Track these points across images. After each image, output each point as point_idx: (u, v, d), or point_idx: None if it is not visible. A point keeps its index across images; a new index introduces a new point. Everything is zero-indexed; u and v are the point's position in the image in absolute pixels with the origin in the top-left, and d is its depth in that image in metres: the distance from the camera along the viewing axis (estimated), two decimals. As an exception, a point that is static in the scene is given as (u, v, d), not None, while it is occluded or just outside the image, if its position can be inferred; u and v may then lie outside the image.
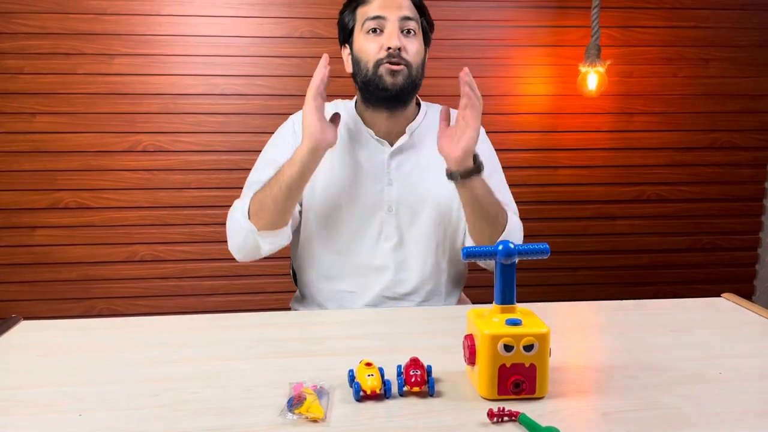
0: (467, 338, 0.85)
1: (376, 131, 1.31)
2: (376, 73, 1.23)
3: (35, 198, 2.19)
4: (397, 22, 1.23)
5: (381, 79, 1.23)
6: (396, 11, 1.23)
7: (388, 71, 1.22)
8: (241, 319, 1.17)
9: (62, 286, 2.24)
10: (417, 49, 1.26)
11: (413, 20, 1.25)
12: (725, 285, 2.43)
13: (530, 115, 2.34)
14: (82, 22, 2.13)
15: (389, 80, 1.22)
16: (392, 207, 1.30)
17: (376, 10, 1.23)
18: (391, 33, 1.22)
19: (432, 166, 1.29)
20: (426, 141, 1.32)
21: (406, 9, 1.24)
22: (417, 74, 1.26)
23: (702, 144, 2.41)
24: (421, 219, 1.31)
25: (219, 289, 2.30)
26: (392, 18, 1.23)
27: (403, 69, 1.22)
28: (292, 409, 0.77)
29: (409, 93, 1.26)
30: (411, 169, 1.31)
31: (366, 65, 1.25)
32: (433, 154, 1.28)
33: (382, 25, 1.23)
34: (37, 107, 2.15)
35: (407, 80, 1.23)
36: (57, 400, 0.82)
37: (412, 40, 1.25)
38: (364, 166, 1.30)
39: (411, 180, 1.30)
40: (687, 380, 0.88)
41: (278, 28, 2.20)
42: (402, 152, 1.31)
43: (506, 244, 0.82)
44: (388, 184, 1.30)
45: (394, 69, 1.22)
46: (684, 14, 2.33)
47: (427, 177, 1.30)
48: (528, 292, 2.31)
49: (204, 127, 2.21)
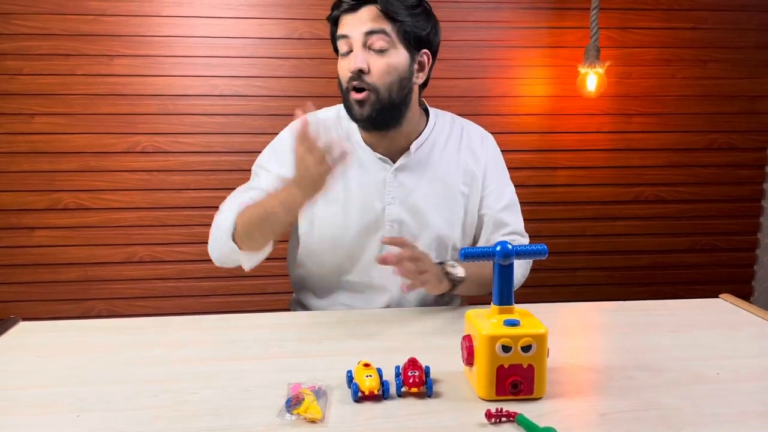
0: (465, 339, 0.85)
1: (376, 149, 1.25)
2: (348, 99, 1.17)
3: (34, 199, 2.19)
4: (361, 39, 1.13)
5: (351, 109, 1.17)
6: (359, 27, 1.13)
7: (354, 101, 1.15)
8: (239, 320, 1.17)
9: (61, 287, 2.24)
10: (387, 66, 1.14)
11: (380, 32, 1.13)
12: (724, 286, 2.43)
13: (529, 116, 2.34)
14: (81, 23, 2.13)
15: (357, 110, 1.16)
16: (394, 226, 1.25)
17: (342, 29, 1.16)
18: (353, 54, 1.14)
19: (435, 187, 1.26)
20: (432, 157, 1.27)
21: (369, 22, 1.13)
22: (388, 95, 1.15)
23: (700, 145, 2.42)
24: (422, 239, 1.26)
25: (218, 290, 2.30)
26: (356, 36, 1.13)
27: (367, 96, 1.14)
28: (291, 410, 0.77)
29: (385, 116, 1.17)
30: (414, 188, 1.25)
31: (341, 89, 1.19)
32: (437, 174, 1.26)
33: (350, 44, 1.15)
34: (37, 108, 2.15)
35: (375, 107, 1.14)
36: (56, 400, 0.82)
37: (380, 56, 1.14)
38: (366, 184, 1.24)
39: (413, 200, 1.25)
40: (685, 381, 0.89)
41: (278, 29, 2.20)
42: (405, 170, 1.25)
43: (504, 245, 0.82)
44: (389, 203, 1.24)
45: (357, 98, 1.14)
46: (682, 15, 2.33)
47: (429, 199, 1.25)
48: (526, 293, 2.31)
49: (203, 128, 2.21)
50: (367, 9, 1.13)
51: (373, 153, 1.24)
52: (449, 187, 1.27)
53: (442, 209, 1.27)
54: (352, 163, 1.24)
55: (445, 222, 1.27)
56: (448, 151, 1.29)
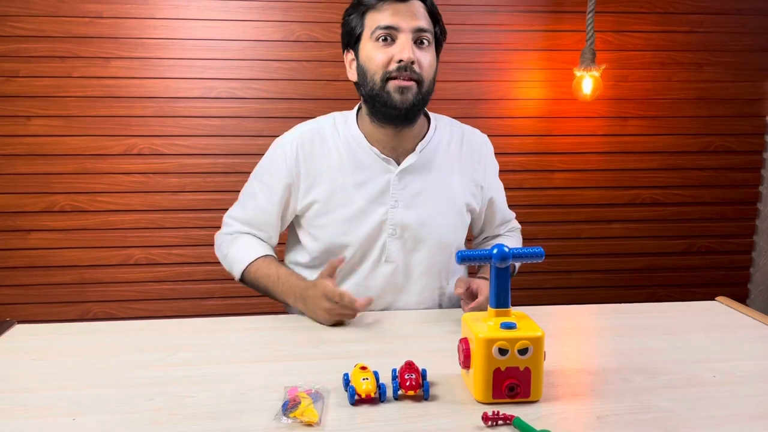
0: (462, 342, 0.85)
1: (382, 148, 1.23)
2: (384, 89, 1.15)
3: (30, 201, 2.18)
4: (411, 34, 1.14)
5: (389, 96, 1.15)
6: (411, 21, 1.14)
7: (396, 88, 1.14)
8: (236, 323, 1.17)
9: (57, 290, 2.23)
10: (430, 62, 1.17)
11: (428, 31, 1.17)
12: (720, 288, 2.44)
13: (525, 119, 2.34)
14: (77, 25, 2.12)
15: (397, 98, 1.14)
16: (396, 230, 1.24)
17: (388, 19, 1.14)
18: (403, 44, 1.14)
19: (439, 191, 1.26)
20: (435, 161, 1.27)
21: (421, 19, 1.16)
22: (428, 90, 1.18)
23: (696, 148, 2.42)
24: (424, 244, 1.26)
25: (214, 293, 2.30)
26: (406, 28, 1.14)
27: (412, 86, 1.14)
28: (287, 413, 0.77)
29: (419, 110, 1.19)
30: (418, 192, 1.25)
31: (373, 77, 1.16)
32: (441, 177, 1.27)
33: (395, 35, 1.14)
34: (33, 110, 2.14)
35: (417, 97, 1.15)
36: (52, 403, 0.82)
37: (425, 52, 1.17)
38: (369, 187, 1.23)
39: (417, 203, 1.24)
40: (681, 383, 0.89)
41: (275, 32, 2.20)
42: (410, 172, 1.24)
43: (501, 248, 0.83)
44: (393, 207, 1.23)
45: (404, 85, 1.14)
46: (678, 19, 2.34)
47: (433, 203, 1.25)
48: (523, 296, 2.31)
49: (200, 131, 2.21)
50: (418, 4, 1.17)
51: (378, 154, 1.23)
52: (452, 190, 1.28)
53: (446, 212, 1.27)
54: (354, 166, 1.23)
55: (449, 225, 1.28)
56: (451, 155, 1.29)
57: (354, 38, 1.20)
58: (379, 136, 1.23)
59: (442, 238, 1.27)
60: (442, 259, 1.29)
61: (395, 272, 1.27)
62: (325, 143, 1.25)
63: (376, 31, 1.15)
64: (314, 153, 1.25)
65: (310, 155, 1.24)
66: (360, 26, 1.18)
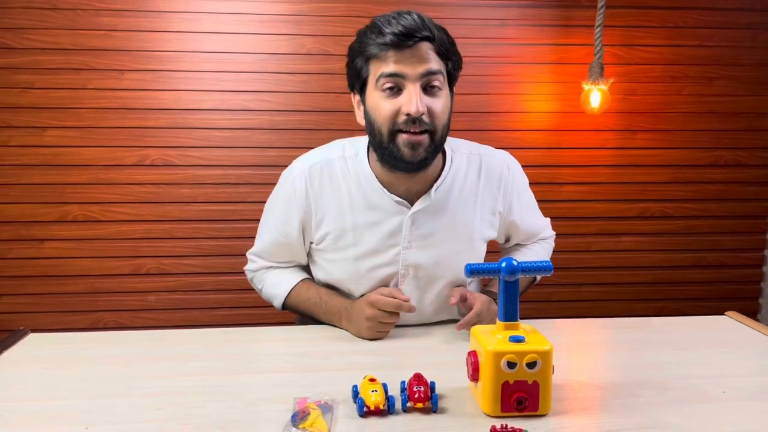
0: (471, 354, 0.86)
1: (394, 190, 1.17)
2: (394, 142, 1.07)
3: (44, 211, 2.21)
4: (419, 80, 1.05)
5: (399, 151, 1.07)
6: (418, 66, 1.04)
7: (406, 143, 1.06)
8: (246, 334, 1.18)
9: (70, 299, 2.25)
10: (443, 108, 1.08)
11: (438, 73, 1.07)
12: (730, 302, 2.42)
13: (534, 131, 2.35)
14: (92, 38, 2.16)
15: (407, 153, 1.07)
16: (409, 270, 1.20)
17: (393, 66, 1.04)
18: (410, 95, 1.04)
19: (454, 229, 1.21)
20: (451, 198, 1.20)
21: (430, 61, 1.05)
22: (442, 137, 1.10)
23: (706, 161, 2.42)
24: (438, 283, 1.22)
25: (224, 303, 2.31)
26: (413, 75, 1.04)
27: (424, 140, 1.06)
28: (297, 424, 0.77)
29: (433, 160, 1.12)
30: (432, 232, 1.19)
31: (380, 129, 1.08)
32: (457, 215, 1.20)
33: (401, 83, 1.05)
34: (48, 121, 2.17)
35: (429, 150, 1.08)
36: (64, 412, 0.83)
37: (436, 98, 1.07)
38: (382, 228, 1.17)
39: (431, 243, 1.19)
40: (690, 399, 0.89)
41: (286, 45, 2.22)
42: (423, 213, 1.18)
43: (509, 262, 0.83)
44: (405, 248, 1.18)
45: (414, 141, 1.06)
46: (688, 33, 2.35)
47: (448, 242, 1.20)
48: (532, 308, 2.31)
49: (211, 142, 2.23)
50: (425, 45, 1.06)
51: (390, 195, 1.17)
52: (468, 226, 1.22)
53: (461, 252, 1.22)
54: (366, 205, 1.18)
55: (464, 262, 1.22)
56: (467, 189, 1.22)
57: (360, 83, 1.12)
58: (390, 179, 1.16)
59: (457, 276, 1.22)
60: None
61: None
62: (334, 178, 1.19)
63: (380, 79, 1.06)
64: (323, 189, 1.19)
65: (319, 191, 1.19)
66: (366, 71, 1.09)
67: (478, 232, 1.24)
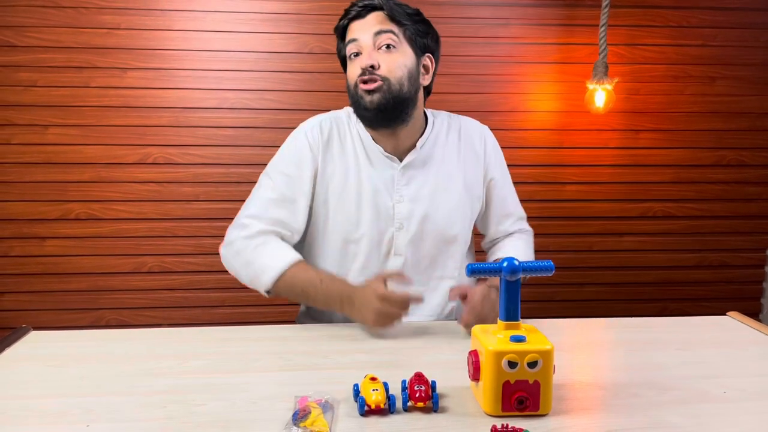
0: (472, 354, 0.85)
1: (385, 148, 1.30)
2: (357, 94, 1.24)
3: (46, 209, 2.21)
4: (371, 40, 1.23)
5: (361, 99, 1.24)
6: (368, 29, 1.24)
7: (364, 91, 1.23)
8: (247, 332, 1.18)
9: (71, 297, 2.26)
10: (397, 62, 1.23)
11: (388, 32, 1.23)
12: (732, 302, 2.42)
13: (537, 131, 2.35)
14: (95, 36, 2.16)
15: (366, 99, 1.23)
16: (403, 224, 1.29)
17: (351, 34, 1.26)
18: (365, 52, 1.24)
19: (441, 183, 1.31)
20: (435, 154, 1.33)
21: (377, 24, 1.24)
22: (399, 87, 1.23)
23: (709, 161, 2.41)
24: (429, 235, 1.30)
25: (226, 301, 2.31)
26: (365, 37, 1.24)
27: (379, 85, 1.21)
28: (297, 423, 0.77)
29: (395, 108, 1.24)
30: (421, 186, 1.30)
31: (350, 88, 1.27)
32: (442, 170, 1.32)
33: (360, 47, 1.25)
34: (50, 119, 2.18)
35: (386, 96, 1.22)
36: (65, 410, 0.83)
37: (389, 54, 1.23)
38: (376, 182, 1.29)
39: (420, 197, 1.30)
40: (692, 399, 0.88)
41: (288, 44, 2.23)
42: (412, 168, 1.30)
43: (511, 261, 0.83)
44: (398, 201, 1.29)
45: (368, 88, 1.22)
46: (691, 32, 2.34)
47: (435, 195, 1.30)
48: (533, 308, 2.31)
49: (213, 141, 2.24)
50: (375, 14, 1.25)
51: (382, 152, 1.30)
52: (454, 180, 1.33)
53: (449, 204, 1.31)
54: (363, 160, 1.30)
55: (453, 215, 1.32)
56: (450, 145, 1.35)
57: (343, 62, 1.32)
58: (379, 137, 1.30)
59: (447, 228, 1.31)
60: (448, 250, 1.33)
61: (404, 265, 1.30)
62: (341, 132, 1.33)
63: (347, 47, 1.27)
64: (332, 140, 1.31)
65: (329, 142, 1.31)
66: (342, 49, 1.30)
67: (463, 186, 1.34)
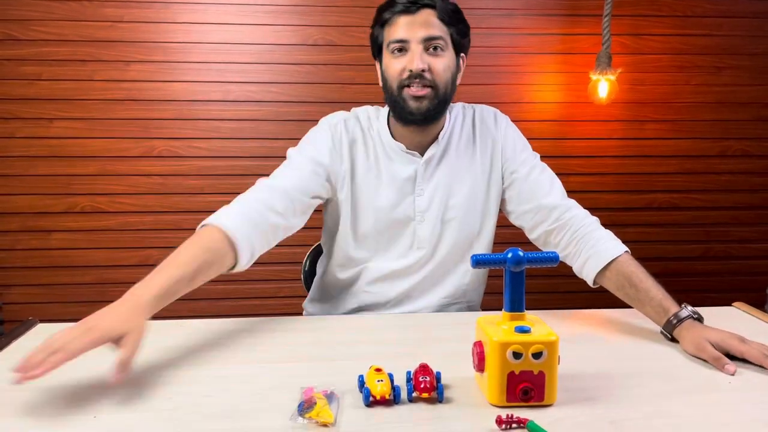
0: (476, 345, 0.86)
1: (407, 144, 1.29)
2: (401, 96, 1.22)
3: (52, 202, 2.22)
4: (422, 44, 1.20)
5: (405, 103, 1.22)
6: (420, 32, 1.20)
7: (411, 96, 1.21)
8: (252, 324, 1.18)
9: (78, 289, 2.27)
10: (445, 66, 1.23)
11: (439, 38, 1.22)
12: (737, 293, 2.41)
13: (541, 122, 2.34)
14: (98, 29, 2.16)
15: (413, 105, 1.21)
16: (424, 216, 1.30)
17: (399, 33, 1.21)
18: (413, 54, 1.20)
19: (461, 175, 1.31)
20: (451, 147, 1.32)
21: (431, 28, 1.21)
22: (445, 92, 1.23)
23: (714, 152, 2.40)
24: (450, 226, 1.31)
25: (231, 294, 2.32)
26: (415, 39, 1.20)
27: (427, 92, 1.21)
28: (303, 414, 0.78)
29: (438, 113, 1.25)
30: (441, 179, 1.31)
31: (391, 86, 1.24)
32: (461, 161, 1.32)
33: (406, 46, 1.21)
34: (55, 113, 2.18)
35: (433, 102, 1.22)
36: (72, 401, 0.84)
37: (438, 57, 1.22)
38: (398, 178, 1.29)
39: (442, 189, 1.30)
40: (696, 389, 0.88)
41: (292, 36, 2.22)
42: (433, 160, 1.31)
43: (515, 252, 0.83)
44: (419, 195, 1.30)
45: (418, 94, 1.20)
46: (696, 22, 2.33)
47: (456, 187, 1.31)
48: (538, 299, 2.31)
49: (217, 133, 2.24)
50: (425, 12, 1.22)
51: (403, 150, 1.29)
52: (473, 171, 1.32)
53: (469, 195, 1.31)
54: (385, 156, 1.30)
55: (473, 207, 1.32)
56: (465, 135, 1.34)
57: (377, 48, 1.29)
58: (405, 132, 1.29)
59: (467, 220, 1.31)
60: (470, 242, 1.33)
61: (424, 258, 1.31)
62: (364, 129, 1.32)
63: (390, 44, 1.23)
64: (356, 138, 1.31)
65: (351, 141, 1.30)
66: (381, 37, 1.27)
67: (483, 176, 1.33)
